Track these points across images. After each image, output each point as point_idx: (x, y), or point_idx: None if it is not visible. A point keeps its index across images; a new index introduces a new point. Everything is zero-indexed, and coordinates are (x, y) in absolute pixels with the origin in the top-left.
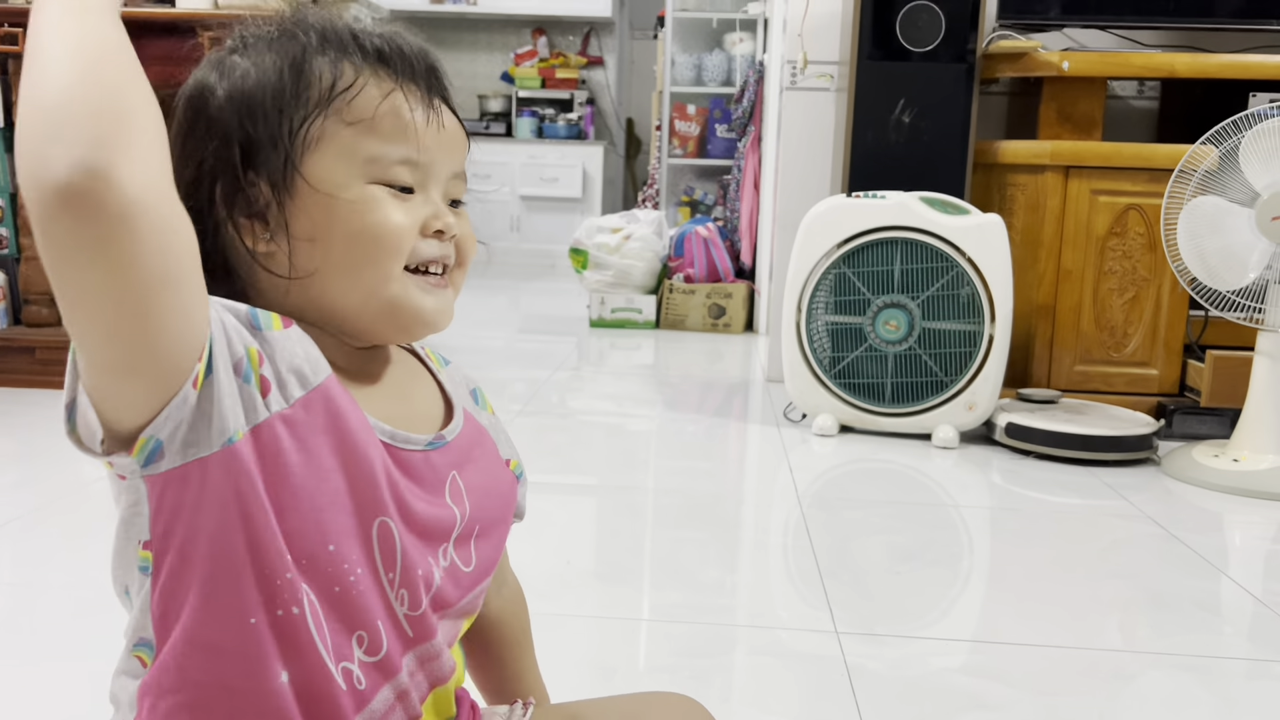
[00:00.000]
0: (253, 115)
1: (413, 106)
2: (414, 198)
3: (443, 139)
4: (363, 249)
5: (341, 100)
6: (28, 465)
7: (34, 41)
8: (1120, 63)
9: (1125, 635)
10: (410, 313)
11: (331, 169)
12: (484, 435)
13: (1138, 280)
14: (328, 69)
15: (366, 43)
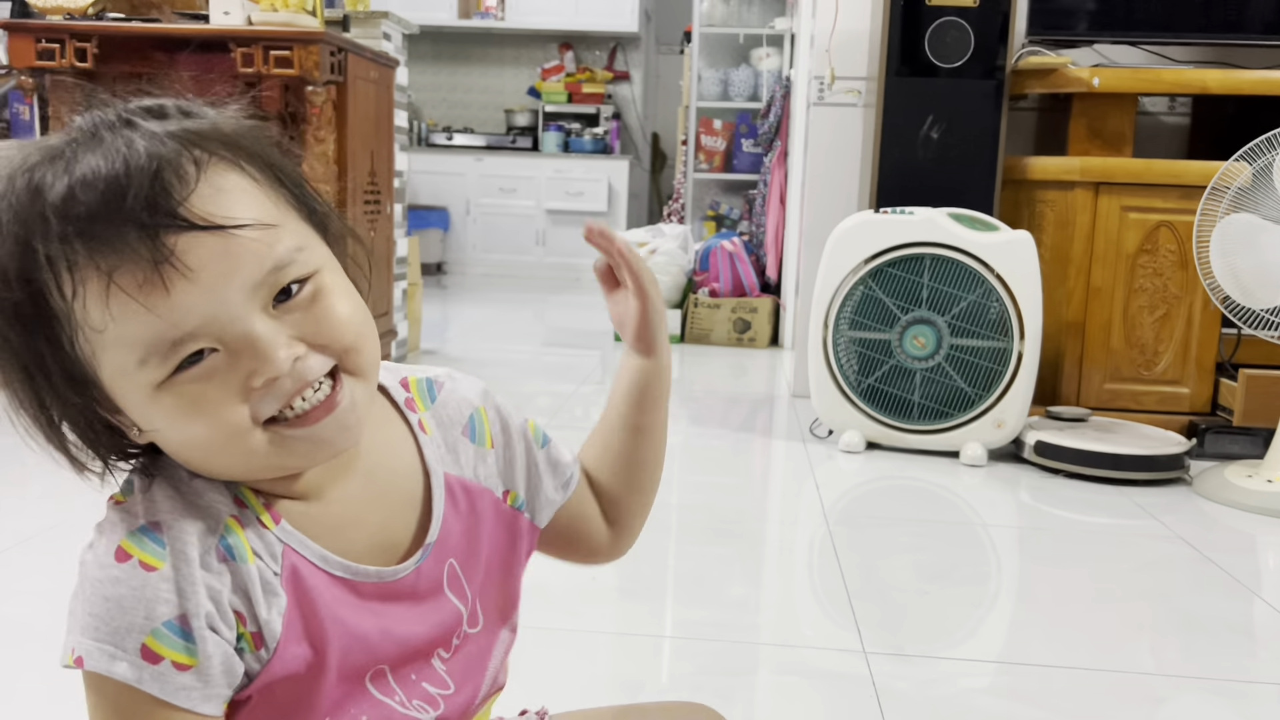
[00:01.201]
0: (21, 356)
1: (139, 281)
2: (217, 364)
3: (203, 280)
4: (208, 447)
5: (80, 311)
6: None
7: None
8: (1151, 79)
9: (1156, 658)
10: (305, 459)
11: (125, 392)
12: (474, 495)
13: (1169, 298)
14: (48, 275)
15: (60, 217)
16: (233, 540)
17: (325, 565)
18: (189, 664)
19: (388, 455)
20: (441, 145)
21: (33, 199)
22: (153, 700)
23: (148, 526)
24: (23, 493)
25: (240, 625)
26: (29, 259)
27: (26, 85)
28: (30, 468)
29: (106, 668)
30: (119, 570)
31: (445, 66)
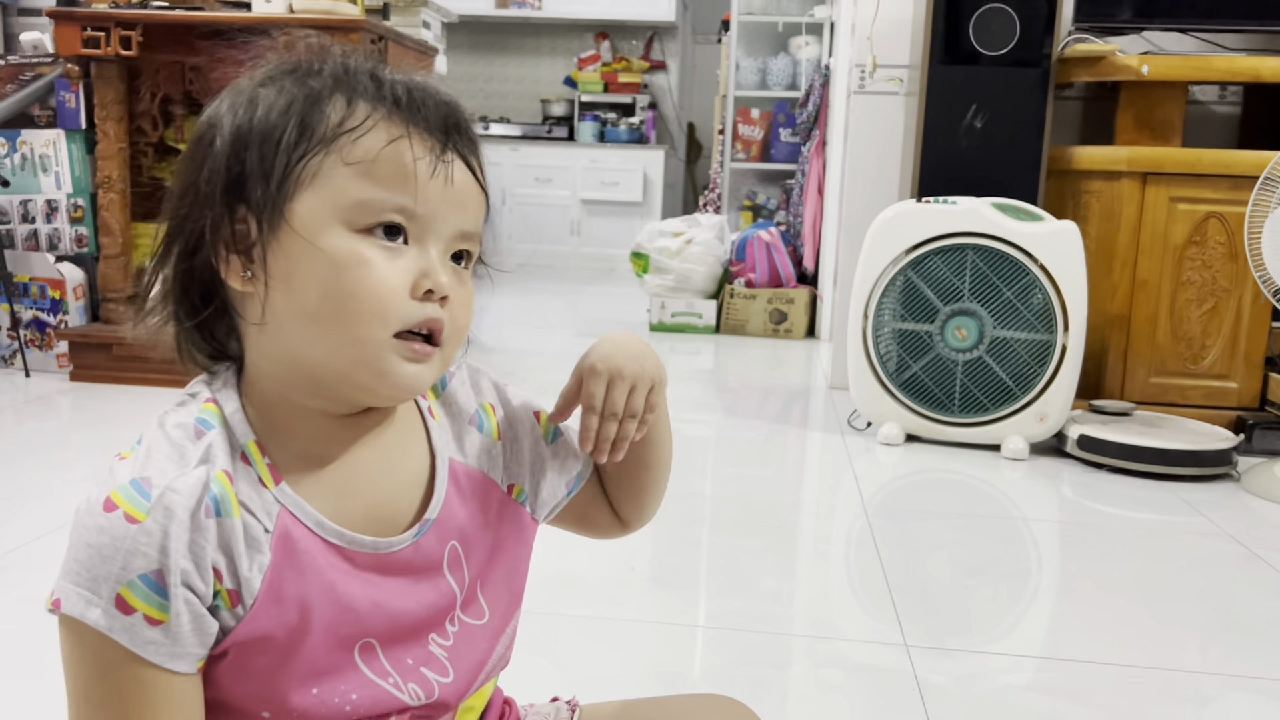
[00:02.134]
0: (248, 146)
1: (418, 155)
2: (406, 250)
3: (449, 194)
4: (334, 304)
5: (346, 139)
6: (103, 460)
7: None
8: (1202, 67)
9: (1203, 656)
10: (381, 381)
11: (317, 210)
12: (478, 485)
13: (1217, 290)
14: (339, 107)
15: (386, 86)
16: (218, 492)
17: (320, 530)
18: (160, 619)
19: (400, 435)
20: (478, 135)
21: (371, 69)
22: (122, 651)
23: (139, 481)
24: (66, 475)
25: (217, 582)
26: (324, 94)
27: (72, 73)
28: (75, 451)
29: (81, 612)
30: (104, 519)
31: (482, 56)
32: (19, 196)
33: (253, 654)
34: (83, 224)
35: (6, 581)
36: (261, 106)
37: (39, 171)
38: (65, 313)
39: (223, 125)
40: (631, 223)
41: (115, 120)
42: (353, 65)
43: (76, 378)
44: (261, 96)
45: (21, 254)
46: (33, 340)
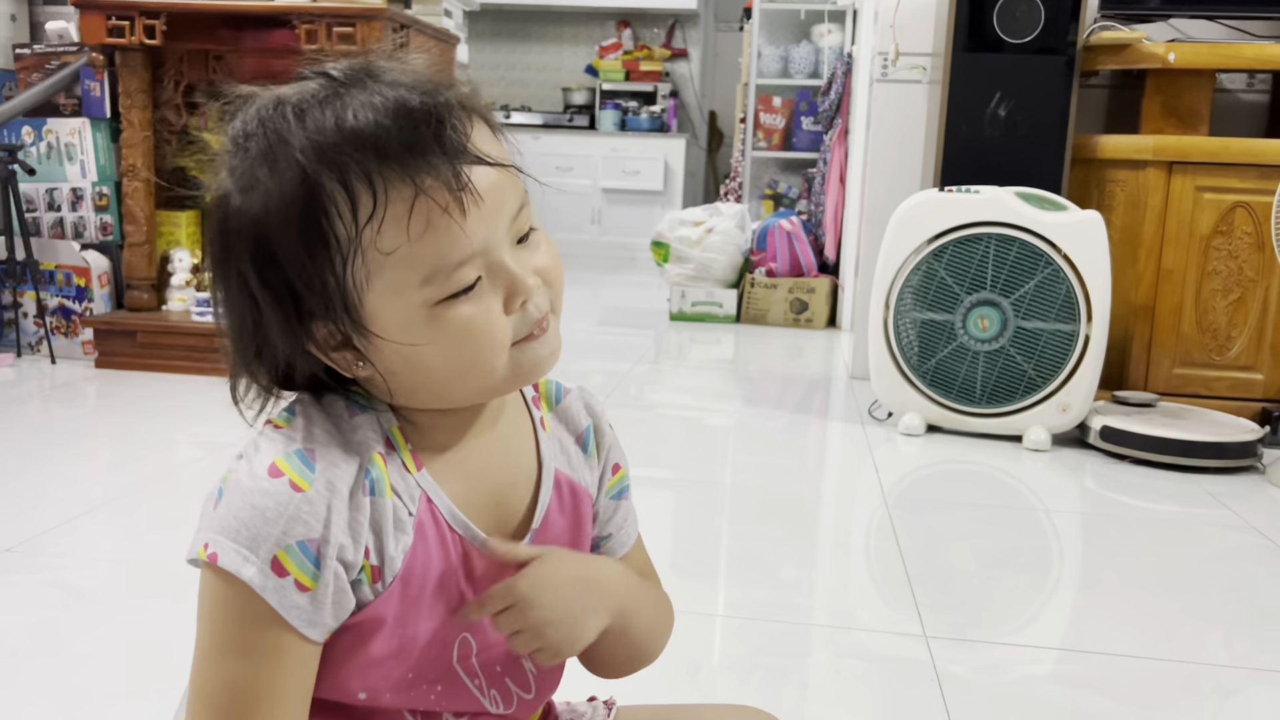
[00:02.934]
0: (286, 273)
1: (444, 203)
2: (483, 286)
3: (486, 210)
4: (460, 365)
5: (370, 231)
6: (126, 446)
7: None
8: (1230, 54)
9: (1227, 649)
10: (523, 377)
11: (392, 308)
12: (579, 498)
13: (1244, 281)
14: (340, 194)
15: (365, 143)
16: (375, 474)
17: (451, 519)
18: (309, 586)
19: (516, 432)
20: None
21: (336, 126)
22: (268, 611)
23: (304, 451)
24: (91, 462)
25: (365, 558)
26: (319, 183)
27: (97, 62)
28: (99, 438)
29: (237, 567)
30: (269, 484)
31: (504, 44)
32: (45, 185)
33: (374, 631)
34: (107, 212)
35: (33, 565)
36: (266, 217)
37: (64, 160)
38: (90, 300)
39: (239, 244)
40: (652, 211)
41: (140, 109)
42: (318, 123)
43: (101, 364)
44: (256, 200)
45: (47, 242)
46: (58, 327)
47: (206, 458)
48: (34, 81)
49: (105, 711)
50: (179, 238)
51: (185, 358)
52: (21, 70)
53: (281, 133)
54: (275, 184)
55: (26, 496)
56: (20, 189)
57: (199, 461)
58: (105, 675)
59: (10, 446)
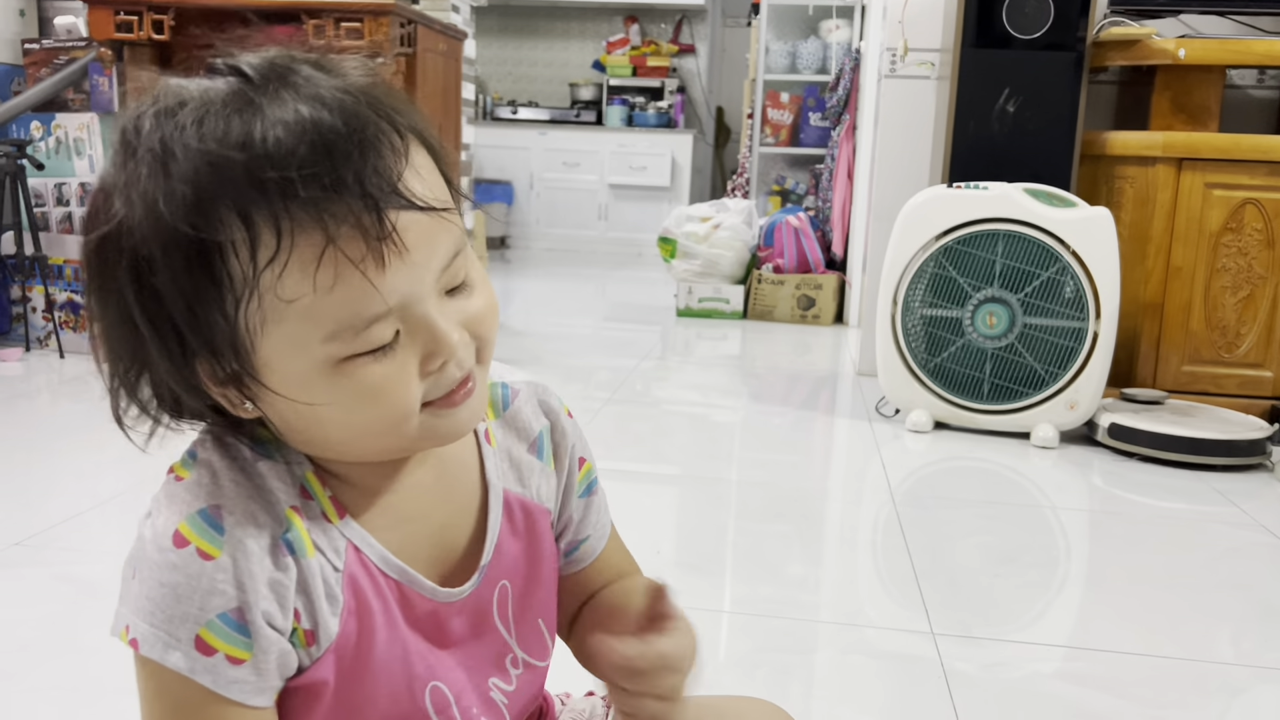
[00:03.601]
0: (170, 307)
1: (358, 255)
2: (398, 343)
3: (411, 260)
4: (359, 427)
5: (270, 275)
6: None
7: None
8: (1240, 50)
9: (1235, 647)
10: (434, 442)
11: (289, 363)
12: (533, 517)
13: (1253, 278)
14: (239, 233)
15: (272, 172)
16: (293, 535)
17: (385, 567)
18: (243, 657)
19: (457, 453)
20: (506, 119)
21: (241, 144)
22: (204, 691)
23: (208, 511)
24: (99, 456)
25: (295, 621)
26: (215, 213)
27: (106, 57)
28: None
29: (160, 656)
30: (175, 556)
31: (511, 40)
32: (53, 180)
33: (318, 696)
34: None
35: (42, 559)
36: (150, 239)
37: (73, 155)
38: None
39: (118, 265)
40: (659, 207)
41: None
42: (213, 138)
43: None
44: (138, 219)
45: (56, 236)
46: (67, 322)
47: None
48: (43, 77)
49: (114, 705)
50: None
51: None
52: (30, 65)
53: (177, 142)
54: (163, 203)
55: (35, 491)
56: (29, 184)
57: None
58: (114, 669)
59: (19, 441)
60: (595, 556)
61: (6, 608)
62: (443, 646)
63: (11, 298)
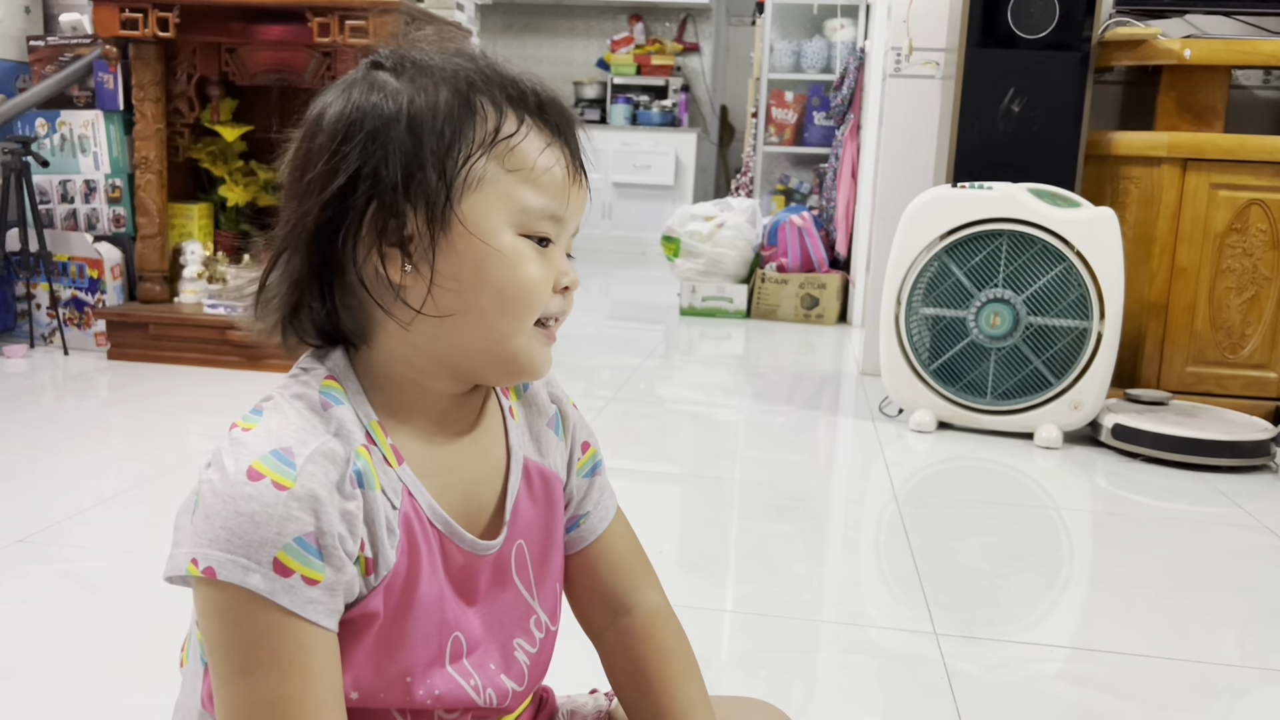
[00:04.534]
0: (420, 141)
1: (566, 163)
2: (550, 252)
3: (579, 199)
4: (506, 301)
5: (505, 145)
6: (138, 438)
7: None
8: (1246, 51)
9: (1239, 649)
10: (525, 365)
11: (487, 214)
12: (549, 483)
13: (1258, 279)
14: (493, 110)
15: (526, 90)
16: (362, 467)
17: (430, 515)
18: (317, 579)
19: (488, 424)
20: None
21: (505, 71)
22: (281, 611)
23: (280, 451)
24: (103, 454)
25: (360, 550)
26: (476, 97)
27: (111, 54)
28: (111, 429)
29: (241, 579)
30: (251, 488)
31: (515, 38)
32: (58, 177)
33: (362, 629)
34: (120, 204)
35: (45, 556)
36: (420, 100)
37: (78, 152)
38: (103, 292)
39: (380, 113)
40: (663, 206)
41: (153, 101)
42: (486, 62)
43: (114, 356)
44: (412, 90)
45: (60, 233)
46: (71, 319)
47: None
48: (48, 74)
49: (116, 701)
50: (191, 230)
51: (197, 350)
52: (35, 62)
53: (456, 64)
54: (439, 86)
55: (39, 488)
56: (34, 181)
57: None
58: (116, 665)
59: (23, 438)
60: (595, 536)
61: (9, 604)
62: (469, 602)
63: (16, 294)
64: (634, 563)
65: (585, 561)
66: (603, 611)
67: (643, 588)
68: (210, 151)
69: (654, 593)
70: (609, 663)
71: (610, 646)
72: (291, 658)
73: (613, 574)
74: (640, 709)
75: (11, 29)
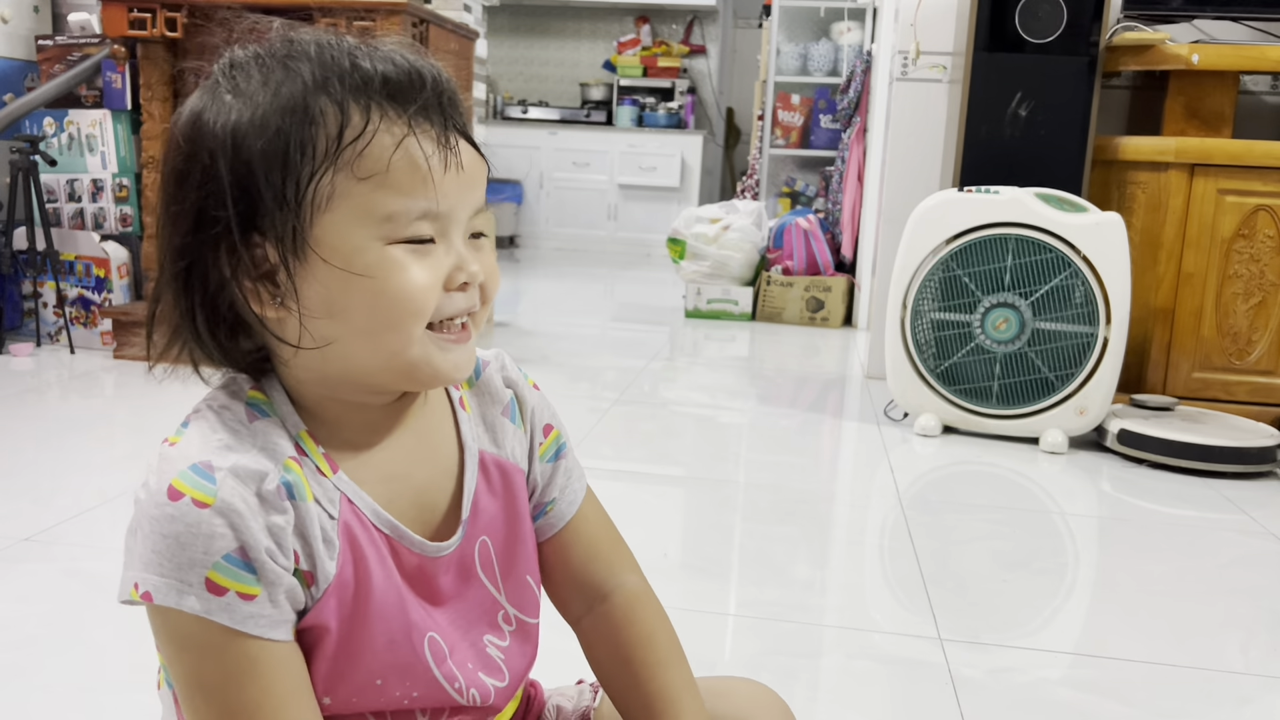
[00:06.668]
0: (252, 171)
1: (429, 151)
2: (435, 249)
3: (462, 180)
4: (383, 315)
5: (351, 151)
6: (144, 437)
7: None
8: (1255, 56)
9: (1244, 656)
10: (428, 373)
11: (345, 234)
12: (508, 475)
13: (1265, 285)
14: (332, 112)
15: (371, 71)
16: (291, 478)
17: (375, 520)
18: (253, 593)
19: (434, 422)
20: (516, 118)
21: (349, 56)
22: (223, 629)
23: (199, 466)
24: (109, 452)
25: (295, 562)
26: (315, 100)
27: (119, 54)
28: (117, 428)
29: (176, 602)
30: (173, 508)
31: (522, 39)
32: (66, 176)
33: (321, 639)
34: (127, 203)
35: (51, 555)
36: (246, 118)
37: (85, 151)
38: (109, 291)
39: (207, 143)
40: (669, 208)
41: (160, 100)
42: (326, 50)
43: (120, 355)
44: (241, 105)
45: (68, 232)
46: (78, 318)
47: None
48: (56, 73)
49: (121, 700)
50: None
51: None
52: (44, 61)
53: (292, 57)
54: (271, 96)
55: (44, 486)
56: (41, 180)
57: None
58: (121, 665)
59: (29, 436)
60: (565, 522)
61: (15, 603)
62: (434, 603)
63: (23, 293)
64: (608, 546)
65: (557, 548)
66: (580, 598)
67: (619, 571)
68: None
69: (631, 575)
70: (590, 651)
71: (590, 634)
72: (244, 670)
73: (587, 559)
74: (626, 697)
75: (20, 28)
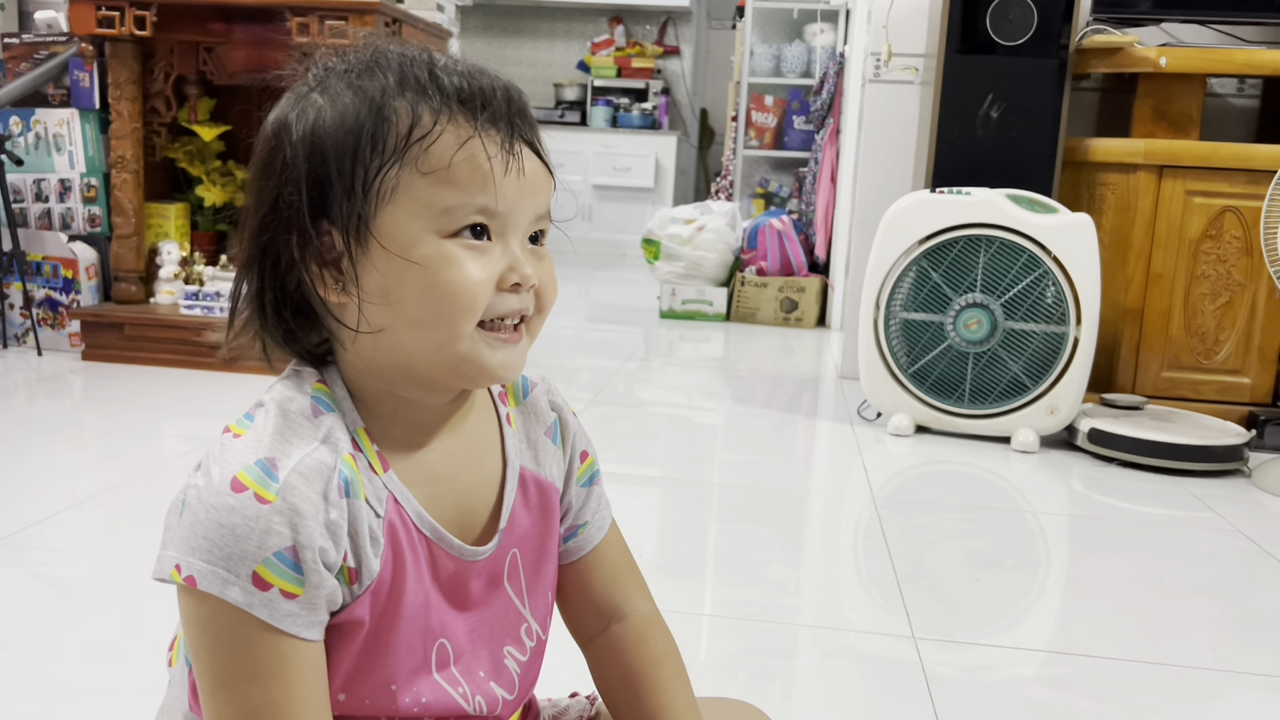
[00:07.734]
0: (326, 161)
1: (491, 154)
2: (491, 248)
3: (523, 186)
4: (434, 307)
5: (418, 148)
6: (112, 439)
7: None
8: (1221, 59)
9: (1213, 652)
10: (476, 369)
11: (404, 224)
12: (546, 492)
13: (1232, 285)
14: (405, 113)
15: (446, 82)
16: (349, 475)
17: (418, 522)
18: (296, 593)
19: (482, 431)
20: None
21: (427, 67)
22: (260, 624)
23: (264, 462)
24: (77, 456)
25: (343, 560)
26: (390, 101)
27: (87, 52)
28: (86, 430)
29: (220, 590)
30: (234, 499)
31: (495, 39)
32: (32, 175)
33: (349, 635)
34: (96, 203)
35: (19, 559)
36: (328, 117)
37: (53, 151)
38: (77, 292)
39: (291, 137)
40: (643, 209)
41: (129, 100)
42: (408, 61)
43: (88, 357)
44: (324, 105)
45: (35, 233)
46: (45, 319)
47: (193, 451)
48: (22, 71)
49: (90, 705)
50: (167, 230)
51: (172, 351)
52: (10, 60)
53: (377, 64)
54: (353, 97)
55: (12, 490)
56: (8, 179)
57: (186, 455)
58: (91, 669)
59: None
60: (592, 547)
61: None
62: (460, 608)
63: None
64: (628, 572)
65: (581, 570)
66: (596, 619)
67: (635, 596)
68: (187, 151)
69: (646, 601)
70: (598, 668)
71: (601, 652)
72: (273, 669)
73: (608, 583)
74: (630, 712)
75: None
